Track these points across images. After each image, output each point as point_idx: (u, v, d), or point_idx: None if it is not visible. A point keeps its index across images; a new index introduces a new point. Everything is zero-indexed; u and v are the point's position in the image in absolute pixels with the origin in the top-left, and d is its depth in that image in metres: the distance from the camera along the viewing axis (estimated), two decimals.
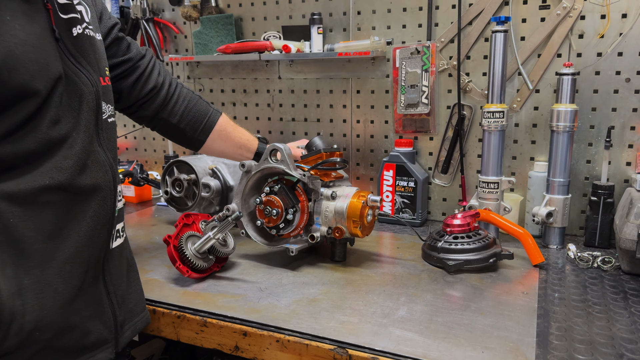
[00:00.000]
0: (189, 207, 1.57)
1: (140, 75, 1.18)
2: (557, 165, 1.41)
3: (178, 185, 1.58)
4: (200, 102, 1.29)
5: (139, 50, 1.18)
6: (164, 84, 1.23)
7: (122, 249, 0.99)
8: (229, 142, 1.33)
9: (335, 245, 1.33)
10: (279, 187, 1.26)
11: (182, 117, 1.25)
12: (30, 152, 0.77)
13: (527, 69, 1.52)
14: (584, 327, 0.98)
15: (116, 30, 1.10)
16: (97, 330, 0.89)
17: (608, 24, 1.41)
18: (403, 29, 1.66)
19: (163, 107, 1.23)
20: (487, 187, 1.45)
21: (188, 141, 1.30)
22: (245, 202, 1.33)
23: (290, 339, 0.96)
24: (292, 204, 1.25)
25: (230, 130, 1.33)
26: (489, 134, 1.44)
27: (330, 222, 1.26)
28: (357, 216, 1.23)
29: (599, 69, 1.44)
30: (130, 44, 1.16)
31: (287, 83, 1.88)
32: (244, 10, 1.89)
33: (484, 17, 1.54)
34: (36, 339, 0.79)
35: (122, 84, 1.16)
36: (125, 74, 1.16)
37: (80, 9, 0.91)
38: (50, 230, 0.80)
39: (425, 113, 1.66)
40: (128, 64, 1.15)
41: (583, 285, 1.17)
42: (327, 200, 1.27)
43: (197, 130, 1.28)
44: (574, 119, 1.38)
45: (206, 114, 1.29)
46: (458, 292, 1.14)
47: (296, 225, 1.26)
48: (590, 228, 1.43)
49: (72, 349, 0.85)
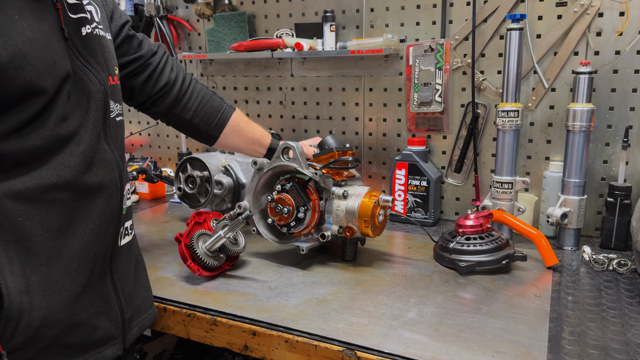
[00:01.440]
0: (201, 204, 1.57)
1: (152, 73, 1.18)
2: (572, 165, 1.38)
3: (191, 182, 1.59)
4: (214, 97, 1.30)
5: (151, 47, 1.19)
6: (176, 81, 1.23)
7: (130, 247, 1.00)
8: (242, 138, 1.34)
9: (346, 244, 1.32)
10: (291, 185, 1.26)
11: (196, 113, 1.26)
12: (37, 148, 0.78)
13: (542, 67, 1.49)
14: (598, 332, 0.96)
15: (127, 28, 1.11)
16: (104, 326, 0.90)
17: (627, 22, 1.37)
18: (417, 26, 1.64)
19: (176, 104, 1.24)
20: (501, 187, 1.43)
21: (202, 136, 1.31)
22: (257, 199, 1.33)
23: (299, 339, 0.96)
24: (304, 202, 1.25)
25: (244, 125, 1.34)
26: (504, 133, 1.42)
27: (341, 222, 1.26)
28: (368, 216, 1.23)
29: (617, 67, 1.41)
30: (142, 41, 1.17)
31: (299, 81, 1.87)
32: (257, 7, 1.89)
33: (499, 14, 1.51)
34: (43, 336, 0.80)
35: (135, 81, 1.17)
36: (137, 72, 1.16)
37: (90, 8, 0.91)
38: (56, 228, 0.81)
39: (439, 111, 1.65)
40: (140, 61, 1.16)
41: (598, 289, 1.15)
42: (339, 199, 1.27)
43: (210, 126, 1.29)
44: (590, 119, 1.35)
45: (219, 109, 1.29)
46: (469, 294, 1.13)
47: (307, 224, 1.26)
48: (606, 230, 1.40)
49: (78, 346, 0.86)
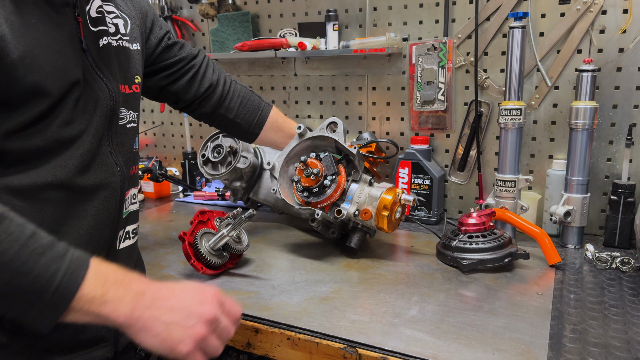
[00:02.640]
0: (219, 174, 1.59)
1: (195, 74, 1.22)
2: (575, 163, 1.38)
3: (217, 151, 1.61)
4: (253, 96, 1.34)
5: (191, 51, 1.23)
6: (219, 82, 1.28)
7: (131, 251, 1.01)
8: (280, 133, 1.37)
9: (355, 230, 1.34)
10: (326, 155, 1.28)
11: (238, 112, 1.30)
12: (38, 148, 0.79)
13: (545, 65, 1.49)
14: (599, 330, 0.97)
15: (167, 37, 1.16)
16: (93, 327, 0.89)
17: (630, 19, 1.37)
18: (419, 25, 1.64)
19: (220, 104, 1.28)
20: (504, 186, 1.43)
21: (244, 134, 1.35)
22: (287, 164, 1.34)
23: (301, 337, 0.97)
24: (333, 173, 1.27)
25: (281, 121, 1.37)
26: (506, 131, 1.42)
27: (360, 205, 1.27)
28: (388, 207, 1.24)
29: (621, 65, 1.41)
30: (182, 45, 1.21)
31: (302, 80, 1.88)
32: (261, 7, 1.90)
33: (502, 12, 1.51)
34: (28, 333, 0.79)
35: (178, 83, 1.21)
36: (180, 74, 1.20)
37: (117, 21, 0.96)
38: (49, 226, 0.80)
39: (442, 110, 1.65)
40: (181, 63, 1.20)
41: (600, 287, 1.15)
42: (364, 184, 1.29)
43: (252, 124, 1.33)
44: (593, 117, 1.35)
45: (259, 107, 1.34)
46: (471, 292, 1.13)
47: (328, 196, 1.26)
48: (610, 228, 1.40)
49: (66, 344, 0.86)
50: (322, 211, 1.27)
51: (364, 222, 1.28)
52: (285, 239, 1.51)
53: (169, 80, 1.19)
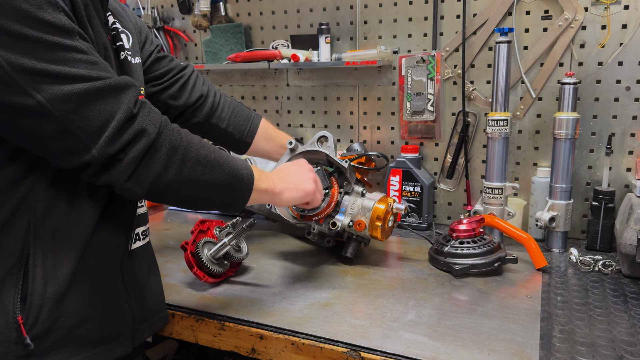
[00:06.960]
0: None
1: (185, 83, 1.28)
2: (559, 171, 1.45)
3: None
4: (242, 107, 1.40)
5: (180, 63, 1.30)
6: (209, 93, 1.33)
7: (143, 251, 1.05)
8: (272, 143, 1.42)
9: (350, 240, 1.38)
10: (318, 170, 1.32)
11: (230, 121, 1.36)
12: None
13: (530, 78, 1.56)
14: (586, 330, 1.03)
15: (156, 50, 1.22)
16: (114, 323, 0.95)
17: (609, 35, 1.45)
18: (409, 38, 1.70)
19: (212, 114, 1.33)
20: (491, 193, 1.49)
21: (237, 144, 1.40)
22: None
23: (305, 342, 1.01)
24: (326, 187, 1.30)
25: (272, 131, 1.42)
26: (493, 141, 1.48)
27: (354, 216, 1.32)
28: (381, 216, 1.29)
29: (600, 77, 1.48)
30: (172, 59, 1.28)
31: (295, 90, 1.93)
32: (253, 19, 1.94)
33: (488, 26, 1.58)
34: (61, 325, 0.86)
35: (168, 92, 1.26)
36: (170, 84, 1.26)
37: (123, 37, 1.01)
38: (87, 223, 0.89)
39: (431, 120, 1.71)
40: (170, 73, 1.26)
41: (585, 289, 1.22)
42: (356, 196, 1.33)
43: (243, 134, 1.37)
44: (575, 127, 1.42)
45: (250, 117, 1.39)
46: (464, 296, 1.18)
47: (322, 210, 1.30)
48: (591, 232, 1.47)
49: (91, 339, 0.91)
50: (317, 224, 1.31)
51: (358, 232, 1.33)
52: (281, 246, 1.55)
53: (159, 88, 1.24)
